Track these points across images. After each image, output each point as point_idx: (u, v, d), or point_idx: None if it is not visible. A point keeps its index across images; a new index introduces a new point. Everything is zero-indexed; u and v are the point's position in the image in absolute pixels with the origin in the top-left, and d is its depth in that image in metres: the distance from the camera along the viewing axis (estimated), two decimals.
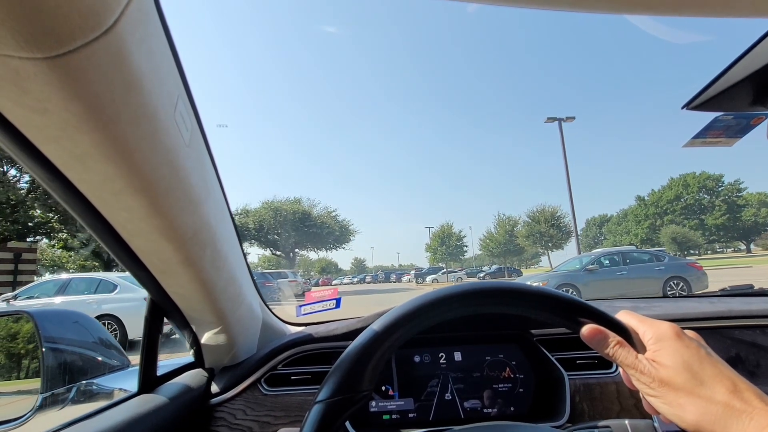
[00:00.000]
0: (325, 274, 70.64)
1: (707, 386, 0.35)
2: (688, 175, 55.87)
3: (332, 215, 36.41)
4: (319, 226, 33.96)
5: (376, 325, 0.46)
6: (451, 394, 0.87)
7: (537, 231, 34.22)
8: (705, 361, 0.37)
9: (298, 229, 33.16)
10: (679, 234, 46.24)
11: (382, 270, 61.70)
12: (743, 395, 0.34)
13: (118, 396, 0.79)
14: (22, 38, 0.27)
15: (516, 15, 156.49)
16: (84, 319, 1.16)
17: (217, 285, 0.68)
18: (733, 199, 52.23)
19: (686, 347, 0.38)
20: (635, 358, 0.39)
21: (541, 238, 34.05)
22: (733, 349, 0.88)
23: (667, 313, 0.94)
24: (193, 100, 0.52)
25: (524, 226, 35.94)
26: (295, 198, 36.85)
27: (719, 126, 0.74)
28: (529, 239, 35.12)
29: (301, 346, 0.90)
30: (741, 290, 1.17)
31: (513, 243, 37.39)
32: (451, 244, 39.43)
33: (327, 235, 34.33)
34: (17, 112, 0.34)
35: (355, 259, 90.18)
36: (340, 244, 36.46)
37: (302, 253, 39.61)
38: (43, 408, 0.86)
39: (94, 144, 0.37)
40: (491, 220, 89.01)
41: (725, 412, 0.34)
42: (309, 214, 34.34)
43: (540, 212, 34.95)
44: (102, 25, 0.30)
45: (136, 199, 0.45)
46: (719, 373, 0.36)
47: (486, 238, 39.80)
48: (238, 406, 0.82)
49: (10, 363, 1.09)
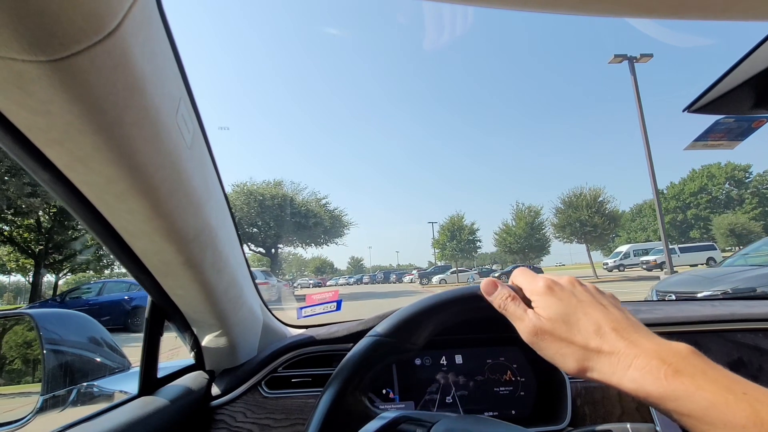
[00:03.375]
0: (320, 274, 67.87)
1: (581, 333, 0.37)
2: (713, 166, 50.45)
3: (321, 203, 28.87)
4: (304, 214, 26.34)
5: (443, 294, 0.49)
6: (452, 397, 0.87)
7: (576, 219, 25.67)
8: (578, 309, 0.39)
9: (278, 218, 25.45)
10: (738, 225, 37.83)
11: (380, 270, 57.76)
12: (608, 337, 0.36)
13: (118, 398, 0.79)
14: (25, 41, 0.27)
15: (516, 14, 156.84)
16: (85, 321, 1.16)
17: (218, 287, 0.68)
18: (763, 192, 46.36)
19: (559, 299, 0.40)
20: (524, 311, 0.42)
21: (581, 228, 25.53)
22: (735, 353, 0.88)
23: (669, 316, 0.94)
24: (194, 103, 0.53)
25: (558, 214, 27.39)
26: (276, 181, 28.59)
27: (721, 129, 0.74)
28: (565, 230, 26.54)
29: (302, 349, 0.90)
30: (743, 293, 1.17)
31: (535, 237, 30.28)
32: (462, 239, 31.57)
33: (314, 227, 26.57)
34: (20, 114, 0.34)
35: (352, 258, 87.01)
36: (332, 238, 29.19)
37: (286, 249, 32.21)
38: (44, 410, 0.86)
39: (97, 146, 0.37)
40: (494, 217, 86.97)
41: (598, 357, 0.35)
42: (292, 200, 26.96)
43: (578, 196, 26.67)
44: (105, 28, 0.30)
45: (138, 202, 0.45)
46: (588, 318, 0.38)
47: (503, 231, 32.00)
48: (238, 409, 0.82)
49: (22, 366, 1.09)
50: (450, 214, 34.98)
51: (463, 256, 32.92)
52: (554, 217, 27.74)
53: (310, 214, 26.75)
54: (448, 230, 32.29)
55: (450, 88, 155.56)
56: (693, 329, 0.90)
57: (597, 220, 25.29)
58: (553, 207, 28.14)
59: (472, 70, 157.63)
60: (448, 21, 33.56)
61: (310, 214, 26.76)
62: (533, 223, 30.12)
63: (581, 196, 26.61)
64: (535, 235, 30.10)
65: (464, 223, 32.39)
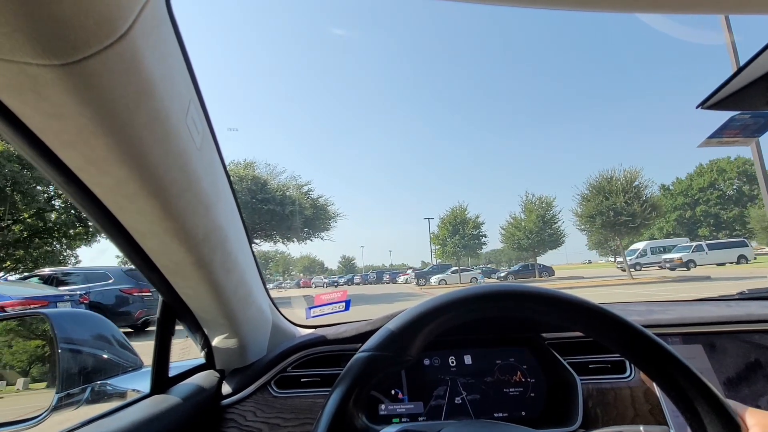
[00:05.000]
0: (309, 274, 64.18)
1: None
2: (721, 161, 47.80)
3: (302, 189, 22.88)
4: (279, 201, 20.63)
5: (438, 299, 0.47)
6: (461, 398, 0.86)
7: (608, 207, 20.26)
8: None
9: (247, 205, 19.83)
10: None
11: (373, 270, 52.17)
12: None
13: (131, 396, 0.80)
14: (39, 46, 0.28)
15: (515, 12, 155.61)
16: (98, 320, 1.18)
17: (228, 287, 0.68)
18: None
19: None
20: None
21: (614, 218, 20.19)
22: (752, 354, 0.86)
23: (683, 317, 0.92)
24: (204, 104, 0.53)
25: (584, 203, 21.98)
26: (247, 162, 22.78)
27: (736, 125, 0.73)
28: (595, 221, 21.01)
29: (311, 349, 0.90)
30: (760, 293, 1.14)
31: (547, 231, 26.33)
32: (467, 233, 26.91)
33: (291, 216, 20.80)
34: (35, 117, 0.35)
35: (344, 258, 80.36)
36: (316, 231, 23.30)
37: (265, 246, 25.57)
38: (59, 408, 0.87)
39: (109, 148, 0.38)
40: (494, 216, 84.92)
41: None
42: (265, 184, 21.07)
43: (609, 180, 21.36)
44: (116, 31, 0.30)
45: (149, 202, 0.46)
46: None
47: (511, 225, 28.26)
48: (248, 408, 0.82)
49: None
50: (451, 206, 30.30)
51: (467, 253, 28.61)
52: (579, 207, 22.32)
53: (287, 200, 21.04)
54: (449, 224, 27.81)
55: (445, 79, 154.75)
56: (708, 330, 0.88)
57: (636, 207, 19.95)
58: (577, 194, 22.71)
59: (468, 61, 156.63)
60: (438, 14, 32.44)
61: (287, 201, 20.98)
62: (545, 216, 26.57)
63: (612, 180, 21.36)
64: (548, 229, 26.48)
65: (468, 216, 27.99)
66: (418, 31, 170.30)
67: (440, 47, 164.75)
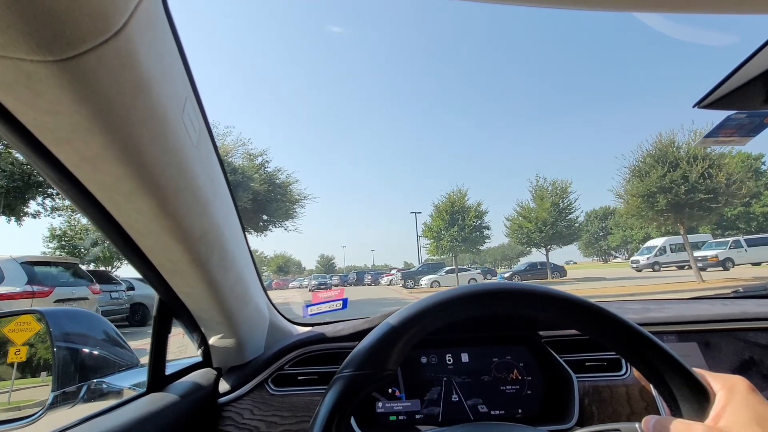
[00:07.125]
0: (283, 274, 58.17)
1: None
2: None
3: (255, 161, 16.42)
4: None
5: (409, 309, 0.46)
6: (457, 396, 0.87)
7: (675, 182, 13.88)
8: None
9: None
10: None
11: (354, 270, 48.56)
12: None
13: (128, 394, 0.80)
14: (33, 41, 0.27)
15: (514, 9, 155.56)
16: (94, 318, 1.17)
17: (225, 285, 0.68)
18: None
19: (760, 402, 0.37)
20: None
21: (686, 196, 13.75)
22: (746, 352, 0.86)
23: (679, 315, 0.93)
24: (200, 102, 0.53)
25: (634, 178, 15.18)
26: None
27: (732, 124, 0.73)
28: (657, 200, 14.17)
29: (308, 347, 0.90)
30: (755, 291, 1.15)
31: (563, 222, 21.41)
32: (468, 224, 21.52)
33: (242, 195, 14.08)
34: (29, 114, 0.34)
35: (322, 257, 74.03)
36: (277, 219, 17.07)
37: None
38: (55, 406, 0.87)
39: (104, 145, 0.37)
40: (493, 212, 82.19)
41: None
42: None
43: (668, 143, 14.81)
44: (111, 27, 0.30)
45: (146, 200, 0.45)
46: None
47: (519, 215, 22.93)
48: (245, 406, 0.82)
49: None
50: (449, 191, 24.68)
51: (467, 248, 23.01)
52: (627, 184, 15.52)
53: (234, 171, 14.28)
54: (445, 212, 22.31)
55: (433, 71, 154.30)
56: (704, 328, 0.89)
57: (720, 179, 13.55)
58: (624, 166, 15.82)
59: (461, 56, 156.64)
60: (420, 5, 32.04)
61: (235, 171, 14.28)
62: (559, 204, 21.74)
63: (671, 143, 14.69)
64: (563, 220, 21.48)
65: (468, 204, 22.55)
66: (404, 24, 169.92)
67: (427, 40, 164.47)
